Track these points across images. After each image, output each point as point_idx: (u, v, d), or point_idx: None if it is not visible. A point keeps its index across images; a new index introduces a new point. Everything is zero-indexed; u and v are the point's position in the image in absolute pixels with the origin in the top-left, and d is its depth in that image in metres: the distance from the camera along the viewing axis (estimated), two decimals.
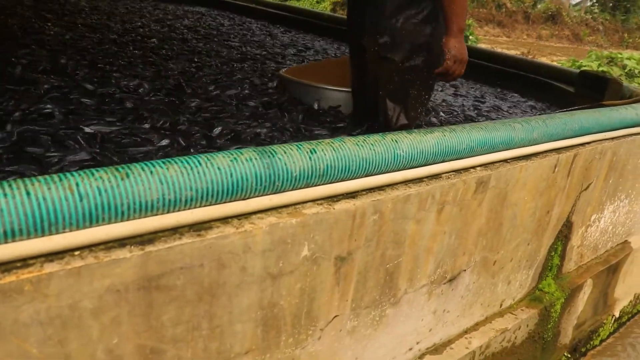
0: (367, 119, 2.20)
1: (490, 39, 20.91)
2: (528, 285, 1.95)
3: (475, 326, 1.75)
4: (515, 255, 1.73)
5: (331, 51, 4.61)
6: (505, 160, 1.50)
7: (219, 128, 2.02)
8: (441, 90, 3.62)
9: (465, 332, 1.71)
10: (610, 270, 2.47)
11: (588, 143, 1.89)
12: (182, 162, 0.92)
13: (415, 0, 1.93)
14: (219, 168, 0.94)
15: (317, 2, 21.92)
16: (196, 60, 3.29)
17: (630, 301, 2.96)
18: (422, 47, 1.98)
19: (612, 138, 2.03)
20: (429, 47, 1.98)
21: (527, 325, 1.96)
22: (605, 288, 2.52)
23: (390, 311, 1.33)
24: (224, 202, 0.96)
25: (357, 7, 2.07)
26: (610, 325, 2.81)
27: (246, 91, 2.69)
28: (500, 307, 1.85)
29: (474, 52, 4.17)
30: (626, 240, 2.65)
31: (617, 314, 2.83)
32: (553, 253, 1.99)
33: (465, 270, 1.51)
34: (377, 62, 2.01)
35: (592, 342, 2.69)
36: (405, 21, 1.94)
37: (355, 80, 2.25)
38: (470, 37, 14.38)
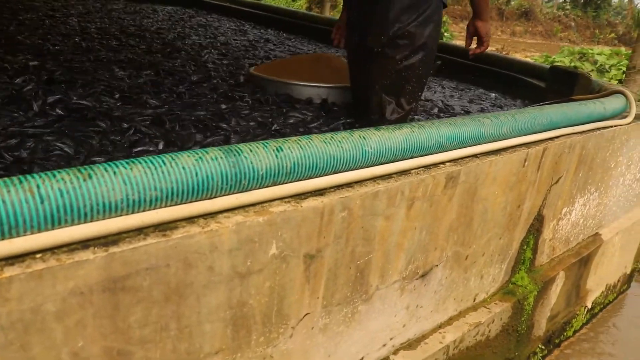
0: (365, 113, 2.28)
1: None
2: (501, 279, 1.97)
3: (449, 321, 1.76)
4: (487, 249, 1.75)
5: (305, 49, 4.60)
6: (475, 155, 1.51)
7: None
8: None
9: (439, 327, 1.72)
10: (582, 262, 2.51)
11: (557, 137, 1.91)
12: (146, 162, 0.92)
13: (417, 4, 2.04)
14: (183, 167, 0.93)
15: (293, 0, 21.90)
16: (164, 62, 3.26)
17: (602, 292, 3.01)
18: (421, 47, 2.10)
19: (581, 132, 2.05)
20: (425, 47, 2.11)
21: (501, 319, 1.98)
22: (577, 280, 2.56)
23: (363, 308, 1.34)
24: (190, 202, 0.96)
25: (361, 8, 2.14)
26: (583, 316, 2.86)
27: (220, 91, 2.67)
28: (474, 301, 1.87)
29: (447, 49, 4.22)
30: (597, 233, 2.69)
31: (589, 305, 2.88)
32: (525, 247, 2.02)
33: (437, 265, 1.52)
34: (378, 60, 2.11)
35: (565, 334, 2.73)
36: (409, 24, 2.05)
37: (355, 77, 2.33)
38: (446, 34, 14.48)
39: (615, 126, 2.28)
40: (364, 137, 1.17)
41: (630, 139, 2.50)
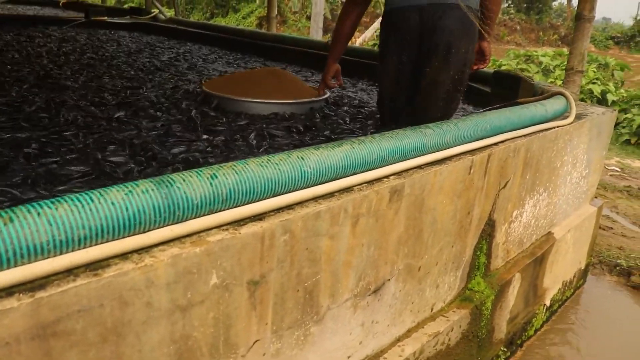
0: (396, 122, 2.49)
1: None
2: (457, 286, 1.98)
3: (407, 333, 1.75)
4: (440, 258, 1.75)
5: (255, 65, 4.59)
6: (419, 167, 1.51)
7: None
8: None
9: (398, 340, 1.71)
10: (536, 262, 2.55)
11: (502, 142, 1.94)
12: (72, 200, 0.88)
13: (472, 27, 2.30)
14: (113, 203, 0.90)
15: (244, 18, 21.92)
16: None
17: (559, 289, 3.06)
18: (467, 64, 2.38)
19: (525, 135, 2.09)
20: (468, 64, 2.40)
21: (460, 326, 1.98)
22: (533, 280, 2.59)
23: (315, 329, 1.32)
24: (122, 238, 0.92)
25: (425, 31, 2.31)
26: (543, 314, 2.90)
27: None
28: (432, 311, 1.87)
29: None
30: (549, 232, 2.73)
31: (548, 303, 2.92)
32: (479, 252, 2.03)
33: (389, 279, 1.51)
34: (438, 76, 2.33)
35: (526, 333, 2.75)
36: (467, 45, 2.32)
37: (390, 90, 2.51)
38: None
39: (557, 127, 2.32)
40: (302, 158, 1.15)
41: (573, 138, 2.56)
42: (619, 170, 6.85)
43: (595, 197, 3.47)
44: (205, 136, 2.23)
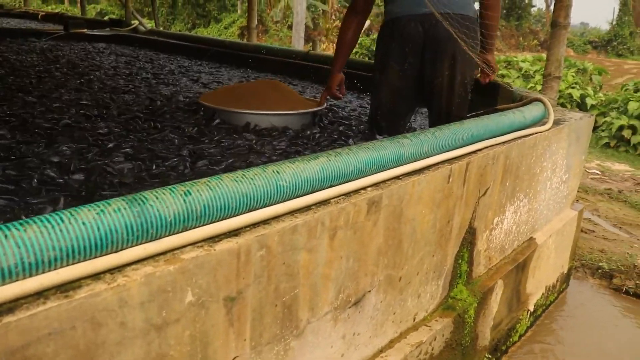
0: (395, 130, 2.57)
1: None
2: (439, 295, 1.97)
3: (390, 344, 1.75)
4: (420, 268, 1.75)
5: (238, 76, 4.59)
6: (397, 177, 1.51)
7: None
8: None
9: (380, 351, 1.71)
10: (519, 268, 2.56)
11: (480, 150, 1.95)
12: (42, 220, 0.87)
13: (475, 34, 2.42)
14: (84, 223, 0.89)
15: (225, 28, 21.93)
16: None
17: (543, 294, 3.08)
18: (473, 69, 2.53)
19: (503, 142, 2.10)
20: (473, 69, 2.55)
21: (443, 335, 1.98)
22: (516, 286, 2.60)
23: (295, 343, 1.30)
24: (94, 258, 0.91)
25: (427, 40, 2.39)
26: (527, 320, 2.91)
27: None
28: (414, 321, 1.86)
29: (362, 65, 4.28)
30: (531, 237, 2.75)
31: (531, 308, 2.93)
32: (460, 260, 2.03)
33: (369, 291, 1.51)
34: (448, 86, 2.45)
35: (511, 339, 2.76)
36: (471, 51, 2.37)
37: (390, 100, 2.54)
38: None
39: (536, 133, 2.34)
40: (277, 172, 1.15)
41: (551, 144, 2.58)
42: (599, 173, 6.92)
43: (577, 201, 3.50)
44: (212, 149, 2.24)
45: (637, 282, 3.71)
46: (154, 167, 1.95)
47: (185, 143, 2.31)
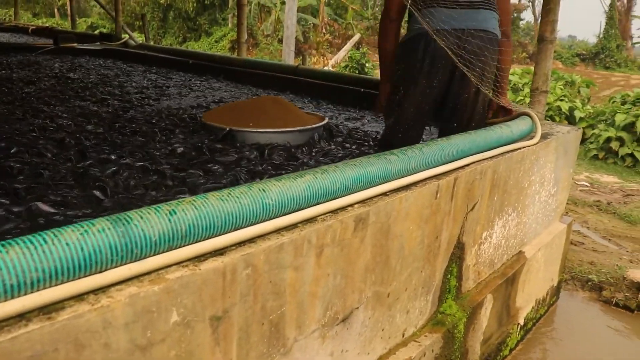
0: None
1: None
2: (428, 310, 1.97)
3: None
4: (409, 284, 1.75)
5: (232, 91, 4.59)
6: (384, 194, 1.52)
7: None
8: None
9: None
10: (508, 282, 2.56)
11: (468, 165, 1.95)
12: (24, 242, 0.86)
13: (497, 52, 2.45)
14: (67, 244, 0.88)
15: (216, 42, 21.98)
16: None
17: (533, 307, 3.08)
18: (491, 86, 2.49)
19: (491, 157, 2.11)
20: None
21: (432, 350, 1.97)
22: (506, 300, 2.61)
23: None
24: (78, 279, 0.90)
25: (461, 55, 2.32)
26: (517, 333, 2.90)
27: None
28: (403, 336, 1.86)
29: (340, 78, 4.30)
30: (520, 251, 2.75)
31: (522, 322, 2.93)
32: (449, 275, 2.03)
33: (357, 307, 1.50)
34: (472, 102, 2.44)
35: (501, 354, 2.76)
36: (494, 68, 2.44)
37: (413, 117, 2.47)
38: (367, 65, 14.81)
39: (523, 148, 2.35)
40: (263, 190, 1.15)
41: (539, 158, 2.59)
42: (588, 185, 6.96)
43: (566, 214, 3.52)
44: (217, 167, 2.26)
45: (626, 294, 3.72)
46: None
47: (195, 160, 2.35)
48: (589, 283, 3.91)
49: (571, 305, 3.71)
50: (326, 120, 3.02)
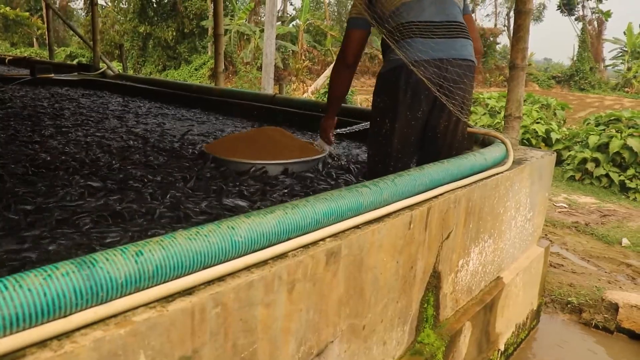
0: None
1: (367, 89, 21.88)
2: (406, 340, 1.96)
3: None
4: (385, 315, 1.74)
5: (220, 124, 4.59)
6: (357, 227, 1.52)
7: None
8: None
9: None
10: (487, 308, 2.56)
11: (441, 194, 1.97)
12: None
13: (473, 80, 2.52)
14: (29, 289, 0.87)
15: (196, 70, 22.05)
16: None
17: (513, 332, 3.08)
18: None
19: (465, 185, 2.13)
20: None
21: None
22: (485, 326, 2.61)
23: None
24: (40, 324, 0.89)
25: (442, 85, 2.35)
26: (498, 359, 2.90)
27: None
28: None
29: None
30: (498, 277, 2.77)
31: (502, 348, 2.94)
32: (426, 305, 2.03)
33: (332, 341, 1.49)
34: (453, 129, 2.46)
35: None
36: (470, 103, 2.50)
37: (399, 149, 2.46)
38: None
39: (497, 174, 2.38)
40: (232, 227, 1.14)
41: (514, 183, 2.62)
42: (566, 206, 7.04)
43: (545, 236, 3.56)
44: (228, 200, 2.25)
45: (605, 315, 3.75)
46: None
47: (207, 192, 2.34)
48: (569, 305, 3.94)
49: (552, 329, 3.72)
50: (328, 150, 3.05)
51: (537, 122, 9.97)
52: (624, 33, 33.70)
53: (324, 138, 3.01)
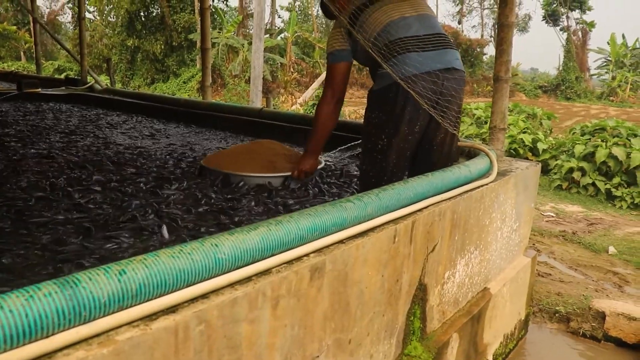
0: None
1: (356, 100, 21.99)
2: (393, 353, 1.97)
3: None
4: (371, 329, 1.75)
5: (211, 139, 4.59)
6: (341, 242, 1.53)
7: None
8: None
9: None
10: (474, 319, 2.58)
11: (426, 207, 1.98)
12: None
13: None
14: (11, 310, 0.87)
15: (184, 83, 22.05)
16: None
17: (501, 342, 3.10)
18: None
19: (449, 198, 2.14)
20: None
21: None
22: (472, 337, 2.62)
23: None
24: (22, 345, 0.89)
25: (439, 97, 2.36)
26: None
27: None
28: None
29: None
30: (485, 287, 2.78)
31: (490, 358, 2.95)
32: (412, 317, 2.04)
33: (318, 356, 1.50)
34: (450, 140, 2.50)
35: None
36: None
37: (395, 164, 2.46)
38: None
39: (481, 186, 2.40)
40: (216, 245, 1.15)
41: (499, 195, 2.65)
42: (554, 215, 7.09)
43: (532, 245, 3.58)
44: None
45: (592, 324, 3.78)
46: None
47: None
48: (557, 314, 3.96)
49: (540, 338, 3.74)
50: (323, 162, 3.07)
51: (524, 132, 10.05)
52: (608, 43, 34.20)
53: (300, 178, 2.86)
